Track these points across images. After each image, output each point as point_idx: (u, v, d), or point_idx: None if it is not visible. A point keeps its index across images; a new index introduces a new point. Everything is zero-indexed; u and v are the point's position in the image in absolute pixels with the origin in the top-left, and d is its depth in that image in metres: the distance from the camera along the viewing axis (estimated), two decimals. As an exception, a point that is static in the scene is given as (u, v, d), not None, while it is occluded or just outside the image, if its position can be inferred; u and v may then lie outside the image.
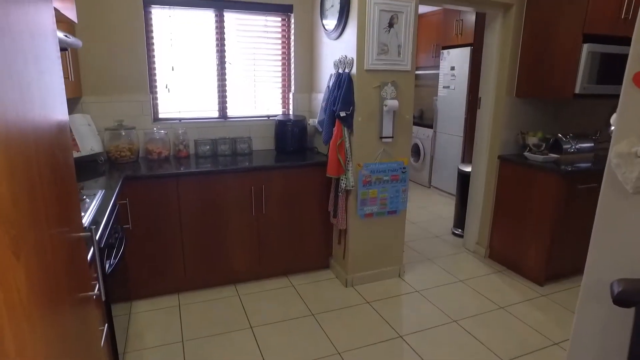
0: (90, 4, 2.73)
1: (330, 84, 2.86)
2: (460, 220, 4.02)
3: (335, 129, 2.71)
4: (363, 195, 2.81)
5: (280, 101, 3.51)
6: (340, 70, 2.76)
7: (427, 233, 4.13)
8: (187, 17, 3.04)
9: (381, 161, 2.82)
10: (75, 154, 2.56)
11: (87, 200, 1.82)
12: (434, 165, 5.66)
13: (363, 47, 2.60)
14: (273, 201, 2.87)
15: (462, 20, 4.98)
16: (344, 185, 2.76)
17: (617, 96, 3.20)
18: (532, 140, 3.21)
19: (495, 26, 3.22)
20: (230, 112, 3.33)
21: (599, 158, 3.38)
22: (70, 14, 1.79)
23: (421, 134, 5.84)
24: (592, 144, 3.43)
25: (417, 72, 6.43)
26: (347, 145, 2.72)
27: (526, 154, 3.18)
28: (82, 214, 1.63)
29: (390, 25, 2.63)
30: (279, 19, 3.34)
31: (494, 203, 3.44)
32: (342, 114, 2.62)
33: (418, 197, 5.41)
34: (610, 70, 2.94)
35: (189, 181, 2.63)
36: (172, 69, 3.06)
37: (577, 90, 2.86)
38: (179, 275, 2.77)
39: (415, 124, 6.00)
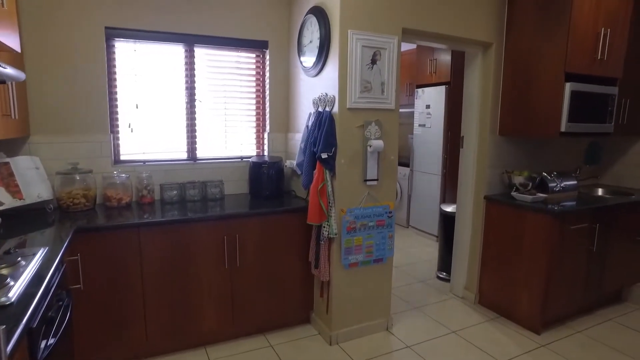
0: (43, 33, 2.47)
1: (310, 124, 2.67)
2: (445, 263, 3.82)
3: (316, 172, 2.50)
4: (347, 243, 2.57)
5: (255, 141, 3.28)
6: (321, 109, 2.58)
7: (412, 278, 3.90)
8: (155, 52, 2.82)
9: (366, 206, 2.61)
10: (18, 202, 2.22)
11: (23, 262, 1.50)
12: (412, 205, 5.51)
13: (345, 84, 2.44)
14: (248, 251, 2.59)
15: (435, 59, 5.00)
16: (327, 233, 2.52)
17: (595, 134, 3.19)
18: (518, 179, 3.10)
19: (476, 65, 3.16)
20: (201, 154, 3.07)
21: (582, 196, 3.29)
22: (11, 41, 1.53)
23: (398, 173, 5.72)
24: (575, 182, 3.36)
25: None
26: (330, 189, 2.50)
27: (513, 193, 3.05)
28: (12, 283, 1.31)
29: (373, 61, 2.49)
30: (254, 55, 3.17)
31: (482, 245, 3.26)
32: (324, 155, 2.42)
33: (397, 238, 5.21)
34: (589, 108, 2.90)
35: (153, 231, 2.32)
36: (136, 107, 2.80)
37: (562, 129, 2.78)
38: (139, 339, 2.40)
39: (391, 162, 5.88)
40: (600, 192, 3.66)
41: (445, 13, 2.78)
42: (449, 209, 3.81)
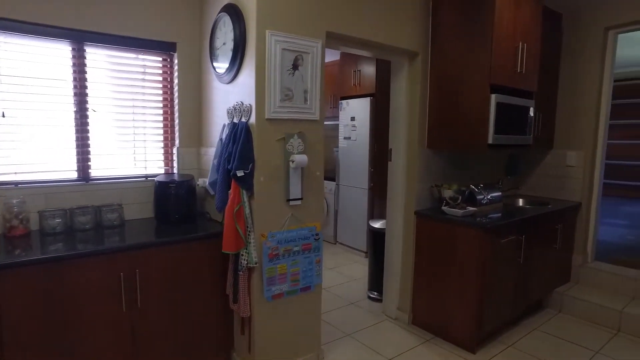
0: None
1: (224, 137, 2.33)
2: (375, 282, 3.64)
3: (231, 192, 2.16)
4: (270, 272, 2.26)
5: (163, 158, 2.86)
6: (236, 120, 2.26)
7: (342, 301, 3.66)
8: (30, 50, 2.31)
9: (289, 228, 2.32)
10: None
11: None
12: (339, 221, 5.33)
13: (263, 91, 2.15)
14: (152, 289, 2.16)
15: (359, 70, 4.90)
16: (245, 262, 2.18)
17: (517, 146, 3.23)
18: (447, 193, 3.00)
19: (402, 75, 3.04)
20: (95, 172, 2.58)
21: (507, 207, 3.30)
22: None
23: (324, 188, 5.52)
24: (500, 193, 3.36)
25: (316, 123, 6.22)
26: (247, 211, 2.17)
27: (444, 208, 2.95)
28: None
29: (295, 67, 2.23)
30: (159, 58, 2.77)
31: (414, 263, 3.12)
32: (240, 173, 2.09)
33: (325, 256, 4.98)
34: (512, 120, 2.90)
35: (17, 275, 1.81)
36: (3, 116, 2.26)
37: (489, 141, 2.73)
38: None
39: (317, 176, 5.68)
40: (521, 202, 3.73)
41: (371, 19, 2.62)
42: (378, 224, 3.65)
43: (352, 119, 5.01)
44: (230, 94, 2.38)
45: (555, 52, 3.64)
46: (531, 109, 3.07)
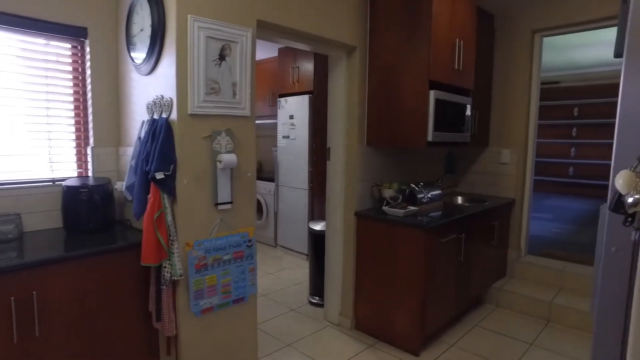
0: None
1: (142, 135, 2.07)
2: (317, 287, 3.50)
3: (150, 196, 1.91)
4: (197, 284, 2.03)
5: (75, 159, 2.52)
6: (156, 116, 2.01)
7: (282, 307, 3.48)
8: None
9: (219, 235, 2.10)
10: None
11: None
12: (279, 222, 5.14)
13: (185, 84, 1.92)
14: (56, 312, 1.85)
15: (298, 67, 4.74)
16: (169, 275, 1.94)
17: (456, 144, 3.23)
18: (388, 192, 2.93)
19: (340, 70, 2.92)
20: (-14, 176, 2.20)
21: (447, 206, 3.29)
22: None
23: (262, 189, 5.31)
24: (440, 191, 3.35)
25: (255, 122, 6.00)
26: (170, 218, 1.93)
27: (385, 208, 2.86)
28: None
29: (222, 57, 2.02)
30: (69, 45, 2.43)
31: (355, 266, 3.01)
32: (159, 175, 1.85)
33: (265, 260, 4.78)
34: (451, 118, 2.88)
35: None
36: None
37: (429, 139, 2.68)
38: None
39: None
40: (459, 200, 3.76)
41: (306, 9, 2.46)
42: (318, 227, 3.51)
43: (291, 117, 4.85)
44: (150, 87, 2.12)
45: (488, 52, 3.70)
46: (468, 107, 3.08)
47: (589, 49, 5.97)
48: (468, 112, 3.08)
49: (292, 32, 2.46)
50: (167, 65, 1.95)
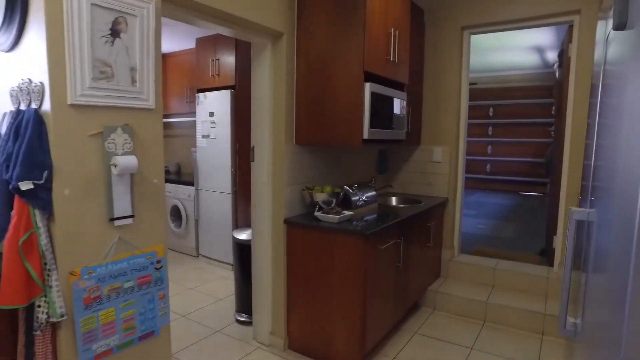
0: None
1: (3, 131, 1.57)
2: (244, 303, 3.13)
3: (14, 214, 1.43)
4: (87, 324, 1.58)
5: None
6: (23, 106, 1.52)
7: (204, 329, 3.05)
8: None
9: (117, 258, 1.67)
10: None
11: None
12: (201, 230, 4.66)
13: (63, 65, 1.46)
14: None
15: (218, 59, 4.31)
16: (45, 316, 1.47)
17: (392, 141, 3.04)
18: (321, 196, 2.64)
19: (265, 59, 2.58)
20: None
21: (383, 208, 3.10)
22: None
23: (181, 193, 4.79)
24: (375, 193, 3.15)
25: (171, 120, 5.46)
26: (44, 241, 1.46)
27: (318, 214, 2.58)
28: None
29: (115, 33, 1.59)
30: None
31: (287, 279, 2.69)
32: (26, 185, 1.38)
33: (186, 272, 4.28)
34: (386, 113, 2.67)
35: None
36: None
37: (365, 136, 2.44)
38: None
39: (172, 181, 4.93)
40: (394, 201, 3.60)
41: (221, -17, 2.09)
42: (243, 235, 3.14)
43: (211, 114, 4.40)
44: (14, 68, 1.61)
45: (419, 47, 3.58)
46: (404, 102, 2.90)
47: (505, 52, 6.24)
48: (404, 108, 2.91)
49: (207, 10, 2.08)
50: (35, 38, 1.47)
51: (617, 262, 0.82)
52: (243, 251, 3.10)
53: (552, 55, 6.36)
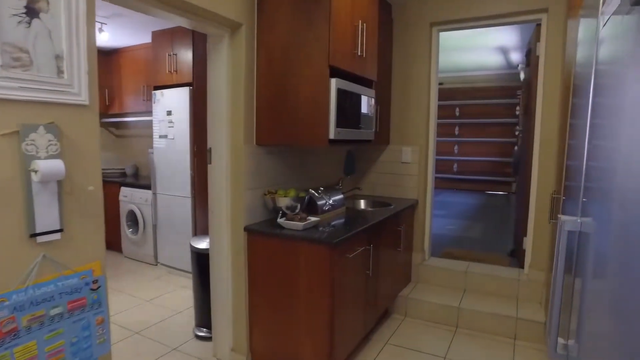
0: None
1: None
2: (204, 316, 2.89)
3: None
4: (2, 361, 1.32)
5: None
6: None
7: (160, 347, 2.80)
8: None
9: (40, 281, 1.41)
10: None
11: None
12: (159, 237, 4.37)
13: (-36, 50, 1.20)
14: None
15: (176, 55, 4.03)
16: (-56, 356, 1.21)
17: (356, 141, 2.87)
18: (284, 201, 2.45)
19: (222, 52, 2.36)
20: None
21: (351, 212, 2.94)
22: None
23: (137, 198, 4.47)
24: (342, 196, 2.98)
25: (127, 119, 5.12)
26: (-59, 264, 1.20)
27: (280, 220, 2.38)
28: None
29: (32, 12, 1.34)
30: None
31: (248, 290, 2.48)
32: None
33: (142, 283, 3.98)
34: (354, 112, 2.51)
35: None
36: None
37: (331, 136, 2.26)
38: None
39: (128, 184, 4.61)
40: (362, 204, 3.44)
41: (168, -35, 1.86)
42: (203, 244, 2.90)
43: (169, 113, 4.11)
44: None
45: (387, 44, 3.45)
46: (373, 100, 2.74)
47: (471, 52, 6.24)
48: (373, 106, 2.75)
49: (153, -6, 1.84)
50: None
51: (622, 269, 0.70)
52: (202, 261, 2.86)
53: (516, 57, 6.41)
